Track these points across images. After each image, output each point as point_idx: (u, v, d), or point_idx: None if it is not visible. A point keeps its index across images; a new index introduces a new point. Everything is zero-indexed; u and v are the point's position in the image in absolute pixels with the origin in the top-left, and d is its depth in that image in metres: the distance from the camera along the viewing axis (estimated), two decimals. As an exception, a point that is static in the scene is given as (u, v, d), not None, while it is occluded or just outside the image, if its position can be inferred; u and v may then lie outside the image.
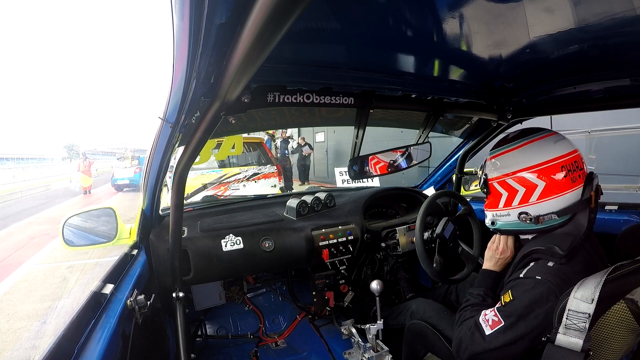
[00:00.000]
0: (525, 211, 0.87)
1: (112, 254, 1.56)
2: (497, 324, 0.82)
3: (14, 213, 9.06)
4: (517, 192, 0.88)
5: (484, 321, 0.85)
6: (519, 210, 0.88)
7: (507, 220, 0.92)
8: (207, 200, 2.48)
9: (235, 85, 0.62)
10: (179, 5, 0.47)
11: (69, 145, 61.98)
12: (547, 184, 0.84)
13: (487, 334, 0.83)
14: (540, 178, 0.85)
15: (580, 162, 0.86)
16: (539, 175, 0.85)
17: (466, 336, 0.88)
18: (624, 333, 0.70)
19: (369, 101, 1.05)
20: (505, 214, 0.92)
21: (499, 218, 0.95)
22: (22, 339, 2.64)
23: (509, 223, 0.92)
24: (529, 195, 0.86)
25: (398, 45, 0.85)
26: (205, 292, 1.62)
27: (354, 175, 1.21)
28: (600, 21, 0.66)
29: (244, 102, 0.82)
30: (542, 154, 0.86)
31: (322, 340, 1.67)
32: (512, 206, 0.90)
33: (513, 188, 0.89)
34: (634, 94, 1.02)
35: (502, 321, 0.81)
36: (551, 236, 0.87)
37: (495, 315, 0.83)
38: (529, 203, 0.87)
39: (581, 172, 0.85)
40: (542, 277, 0.78)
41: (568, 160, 0.84)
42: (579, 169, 0.85)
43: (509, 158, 0.91)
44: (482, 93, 1.23)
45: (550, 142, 0.87)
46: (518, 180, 0.88)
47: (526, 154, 0.88)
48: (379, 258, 1.75)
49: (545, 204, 0.85)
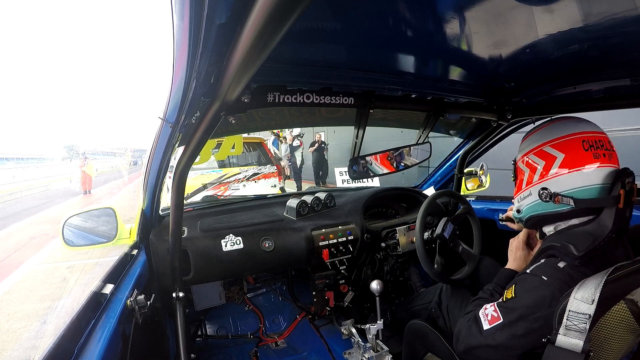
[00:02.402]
0: (544, 186, 0.84)
1: (112, 254, 1.56)
2: (496, 320, 0.80)
3: (14, 213, 9.06)
4: (537, 167, 0.86)
5: (483, 315, 0.84)
6: (539, 186, 0.85)
7: (530, 201, 0.89)
8: (207, 200, 2.48)
9: (235, 85, 0.62)
10: (179, 5, 0.47)
11: (69, 145, 62.06)
12: (566, 156, 0.81)
13: (484, 329, 0.81)
14: (559, 149, 0.83)
15: (606, 142, 0.82)
16: (558, 147, 0.83)
17: (464, 328, 0.88)
18: (624, 333, 0.70)
19: (369, 101, 1.05)
20: (527, 194, 0.90)
21: (522, 202, 0.93)
22: (22, 339, 2.64)
23: (532, 205, 0.89)
24: (549, 167, 0.84)
25: (398, 45, 0.85)
26: (205, 292, 1.63)
27: (354, 175, 1.21)
28: (600, 21, 0.66)
29: (244, 102, 0.82)
30: (565, 129, 0.84)
31: (322, 340, 1.67)
32: (533, 183, 0.88)
33: (534, 164, 0.87)
34: (634, 94, 1.01)
35: (501, 318, 0.79)
36: (571, 233, 0.82)
37: (495, 311, 0.81)
38: (548, 176, 0.84)
39: (607, 151, 0.81)
40: (548, 279, 0.75)
41: (590, 137, 0.81)
42: (603, 148, 0.81)
43: (534, 137, 0.90)
44: (482, 93, 1.23)
45: (574, 121, 0.86)
46: (539, 154, 0.86)
47: (549, 130, 0.87)
48: (379, 258, 1.75)
49: (564, 177, 0.81)
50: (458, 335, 0.89)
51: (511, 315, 0.78)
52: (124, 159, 44.28)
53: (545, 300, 0.74)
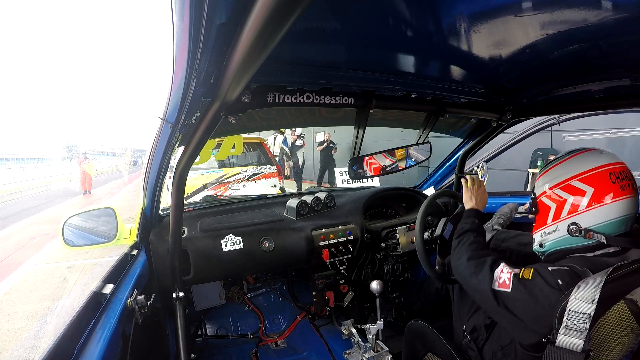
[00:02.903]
0: (575, 222, 0.82)
1: (112, 254, 1.56)
2: (505, 287, 0.82)
3: (14, 213, 9.05)
4: (566, 202, 0.84)
5: (497, 274, 0.85)
6: (568, 222, 0.83)
7: (557, 236, 0.87)
8: (207, 200, 2.48)
9: (235, 85, 0.62)
10: (179, 5, 0.47)
11: (69, 145, 62.03)
12: (595, 190, 0.80)
13: (492, 287, 0.84)
14: (588, 184, 0.81)
15: (628, 172, 0.82)
16: (587, 181, 0.81)
17: (473, 264, 0.92)
18: (624, 333, 0.70)
19: (369, 101, 1.05)
20: (554, 229, 0.87)
21: (547, 237, 0.90)
22: (22, 339, 2.64)
23: (558, 240, 0.87)
24: (578, 203, 0.82)
25: (398, 45, 0.85)
26: (205, 292, 1.62)
27: (354, 175, 1.21)
28: (600, 21, 0.66)
29: (244, 102, 0.82)
30: (589, 162, 0.83)
31: (322, 340, 1.67)
32: (560, 218, 0.85)
33: (561, 199, 0.85)
34: (634, 94, 1.01)
35: (510, 289, 0.81)
36: (593, 261, 0.80)
37: (509, 279, 0.82)
38: (578, 212, 0.82)
39: (630, 182, 0.81)
40: (563, 284, 0.74)
41: (615, 169, 0.80)
42: (627, 179, 0.81)
43: (557, 170, 0.89)
44: (482, 93, 1.23)
45: (596, 153, 0.85)
46: (566, 189, 0.84)
47: (574, 163, 0.86)
48: (379, 258, 1.75)
49: (595, 211, 0.80)
50: (461, 268, 0.96)
51: (520, 291, 0.79)
52: (124, 159, 44.26)
53: (551, 302, 0.74)
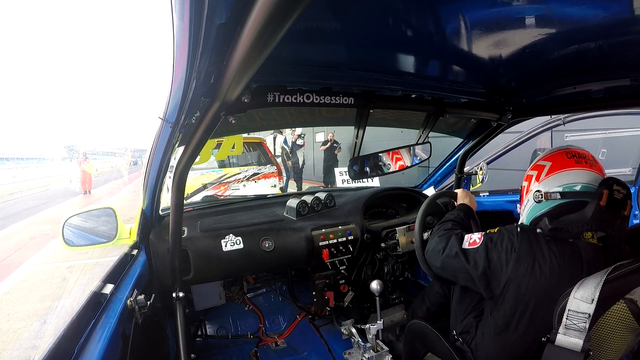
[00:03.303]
0: (537, 189, 0.96)
1: (112, 254, 1.56)
2: (475, 244, 0.95)
3: (14, 213, 9.05)
4: (532, 177, 0.99)
5: (467, 237, 0.99)
6: (532, 192, 0.96)
7: (528, 207, 0.99)
8: (207, 200, 2.48)
9: (235, 85, 0.62)
10: (179, 5, 0.47)
11: (69, 145, 61.97)
12: (552, 163, 0.94)
13: (462, 247, 0.97)
14: (548, 160, 0.96)
15: (589, 155, 0.92)
16: (547, 158, 0.96)
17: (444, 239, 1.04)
18: (623, 333, 0.71)
19: (369, 101, 1.05)
20: (525, 201, 1.01)
21: (523, 211, 1.03)
22: (22, 339, 2.64)
23: (529, 211, 0.98)
24: (539, 175, 0.97)
25: (398, 45, 0.85)
26: (205, 292, 1.63)
27: (354, 175, 1.21)
28: (600, 21, 0.66)
29: (244, 102, 0.82)
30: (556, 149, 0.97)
31: (322, 340, 1.67)
32: (528, 191, 0.99)
33: (529, 176, 1.00)
34: (634, 94, 1.01)
35: (480, 242, 0.94)
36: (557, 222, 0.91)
37: (480, 238, 0.95)
38: (539, 181, 0.96)
39: (589, 161, 0.91)
40: (518, 235, 0.88)
41: (574, 151, 0.93)
42: (586, 158, 0.91)
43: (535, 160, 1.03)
44: (482, 93, 1.23)
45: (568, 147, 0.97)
46: (533, 167, 1.00)
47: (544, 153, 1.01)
48: (379, 258, 1.76)
49: (552, 178, 0.92)
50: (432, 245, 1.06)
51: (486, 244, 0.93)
52: (124, 159, 44.22)
53: (508, 249, 0.87)
